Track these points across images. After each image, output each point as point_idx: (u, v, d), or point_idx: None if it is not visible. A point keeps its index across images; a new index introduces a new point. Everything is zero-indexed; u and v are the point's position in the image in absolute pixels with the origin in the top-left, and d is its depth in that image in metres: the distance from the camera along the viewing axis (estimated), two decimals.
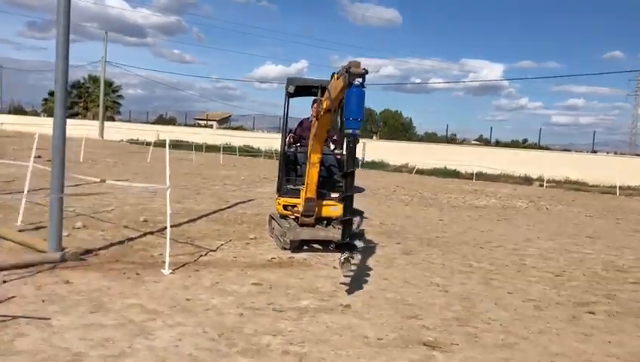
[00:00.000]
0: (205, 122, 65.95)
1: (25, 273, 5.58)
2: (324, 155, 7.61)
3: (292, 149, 8.27)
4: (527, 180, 27.14)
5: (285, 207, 7.75)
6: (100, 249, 6.90)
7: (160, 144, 30.39)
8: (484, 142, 50.47)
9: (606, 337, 4.81)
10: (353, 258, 5.57)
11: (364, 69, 5.42)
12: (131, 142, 43.67)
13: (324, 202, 7.62)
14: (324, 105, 6.41)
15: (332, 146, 8.25)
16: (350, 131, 5.46)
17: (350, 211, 5.59)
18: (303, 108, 8.91)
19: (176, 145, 38.35)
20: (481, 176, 27.62)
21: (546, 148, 36.74)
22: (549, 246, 9.27)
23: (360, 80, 5.40)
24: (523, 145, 48.05)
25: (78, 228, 8.10)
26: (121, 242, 7.42)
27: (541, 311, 5.47)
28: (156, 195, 12.09)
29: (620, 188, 24.02)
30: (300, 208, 7.45)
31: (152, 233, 8.23)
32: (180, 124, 61.60)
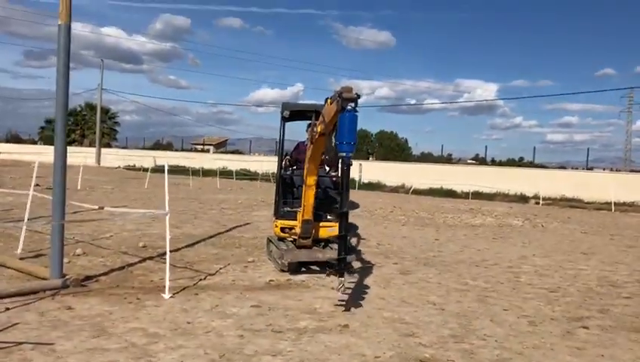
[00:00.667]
0: (202, 147, 66.24)
1: (27, 300, 5.67)
2: (320, 177, 7.76)
3: (288, 172, 8.42)
4: (523, 198, 27.32)
5: (283, 230, 7.87)
6: (100, 275, 6.99)
7: (157, 170, 30.57)
8: (479, 161, 50.85)
9: (599, 351, 4.91)
10: (344, 278, 5.75)
11: (356, 93, 5.59)
12: (128, 168, 43.81)
13: (321, 224, 7.73)
14: (319, 129, 6.57)
15: (327, 168, 8.40)
16: (344, 154, 5.62)
17: (345, 229, 5.79)
18: (300, 131, 9.07)
19: (173, 170, 38.51)
20: (477, 196, 27.80)
21: (542, 166, 37.06)
22: (544, 263, 9.38)
23: (352, 104, 5.54)
24: (518, 163, 48.39)
25: (78, 255, 8.19)
26: (121, 268, 7.51)
27: (535, 327, 5.56)
28: (154, 221, 12.20)
29: (616, 204, 24.19)
30: (297, 230, 7.57)
31: (151, 258, 8.32)
32: (176, 149, 61.93)
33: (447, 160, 45.21)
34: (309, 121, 8.66)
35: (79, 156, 32.16)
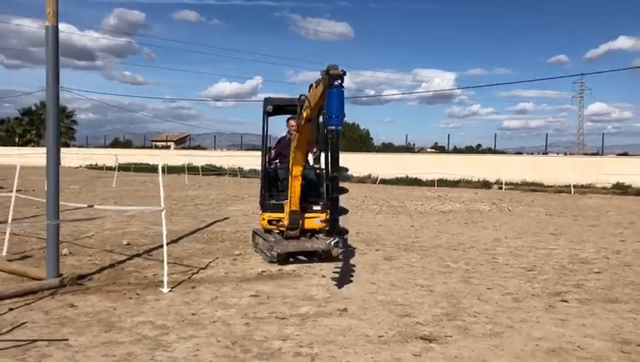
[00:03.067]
0: (165, 143, 65.39)
1: (27, 300, 5.73)
2: (305, 170, 7.96)
3: (272, 166, 8.60)
4: (486, 184, 28.12)
5: (270, 222, 8.06)
6: (93, 273, 7.06)
7: (122, 168, 30.18)
8: (439, 149, 51.86)
9: (580, 321, 5.31)
10: (341, 243, 6.27)
11: (342, 70, 5.92)
12: (90, 167, 43.04)
13: (307, 215, 7.95)
14: (305, 115, 6.86)
15: (311, 162, 8.61)
16: (333, 128, 5.94)
17: (337, 190, 6.21)
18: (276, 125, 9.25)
19: (138, 167, 38.03)
20: (442, 183, 28.47)
21: (501, 153, 38.06)
22: (517, 244, 9.85)
23: (339, 81, 5.90)
24: (477, 150, 49.60)
25: (65, 255, 8.19)
26: (111, 266, 7.58)
27: (520, 303, 5.94)
28: (132, 219, 12.22)
29: (574, 186, 25.17)
30: (285, 221, 7.78)
31: (138, 255, 8.40)
32: (137, 147, 60.98)
33: (409, 149, 45.83)
34: (288, 115, 8.92)
35: (38, 156, 31.47)
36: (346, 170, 6.82)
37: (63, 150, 50.61)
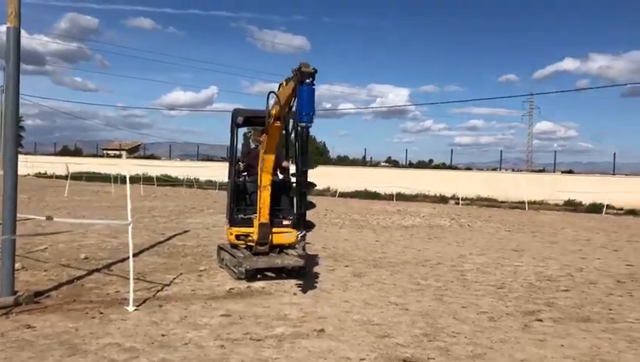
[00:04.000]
0: (118, 152, 63.73)
1: None
2: (274, 182, 7.76)
3: (241, 178, 8.35)
4: (442, 199, 28.49)
5: (238, 237, 7.80)
6: (49, 290, 6.65)
7: (74, 177, 29.17)
8: (392, 163, 52.39)
9: (558, 341, 5.28)
10: (303, 231, 6.39)
11: (313, 68, 5.99)
12: (39, 175, 41.43)
13: (276, 229, 7.74)
14: (274, 112, 6.83)
15: (280, 176, 8.43)
16: (304, 124, 6.01)
17: (306, 185, 6.35)
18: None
19: (90, 177, 36.89)
20: (400, 197, 28.67)
21: (454, 168, 38.68)
22: (482, 261, 9.89)
23: (310, 78, 5.97)
24: (429, 165, 50.28)
25: (18, 270, 7.69)
26: (69, 281, 7.17)
27: (496, 322, 5.89)
28: (88, 231, 11.69)
29: (528, 202, 25.77)
30: (254, 236, 7.54)
31: (97, 270, 8.00)
32: (87, 155, 59.22)
33: (364, 162, 45.95)
34: (260, 128, 8.74)
35: None
36: (314, 185, 6.74)
37: None
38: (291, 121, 7.48)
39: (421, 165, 49.01)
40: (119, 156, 61.49)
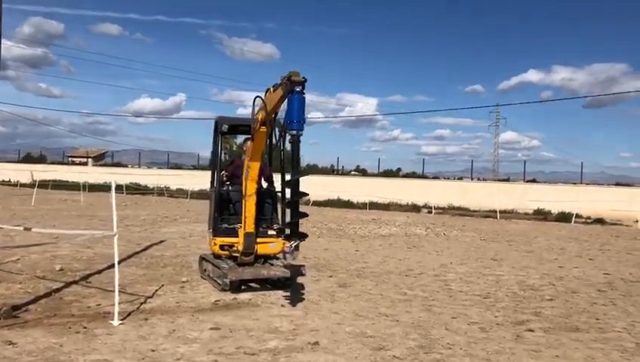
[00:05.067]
0: (85, 159, 62.38)
1: None
2: (258, 191, 7.63)
3: (225, 188, 8.20)
4: (415, 208, 28.66)
5: (222, 247, 7.62)
6: (27, 303, 6.38)
7: (39, 185, 28.39)
8: (361, 172, 52.57)
9: (552, 352, 5.29)
10: (295, 241, 6.19)
11: (303, 77, 6.00)
12: (2, 183, 40.18)
13: (261, 239, 7.60)
14: (260, 117, 6.77)
15: (265, 185, 8.31)
16: (294, 132, 5.99)
17: (297, 212, 6.19)
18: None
19: (56, 185, 35.98)
20: (373, 206, 28.74)
21: (424, 177, 39.01)
22: (464, 270, 9.92)
23: (299, 87, 5.96)
24: (399, 174, 50.56)
25: None
26: (47, 294, 6.90)
27: (488, 333, 5.88)
28: (59, 240, 11.31)
29: (499, 211, 26.12)
30: (239, 246, 7.39)
31: (75, 282, 7.73)
32: (52, 162, 57.80)
33: (332, 171, 45.89)
34: (245, 136, 8.63)
35: None
36: (306, 194, 6.64)
37: None
38: (277, 129, 7.38)
39: (390, 174, 49.22)
40: (85, 163, 60.17)
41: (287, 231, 6.40)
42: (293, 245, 6.15)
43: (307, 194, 6.46)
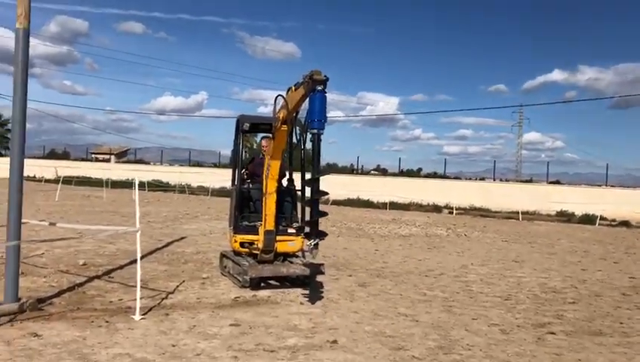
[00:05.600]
0: (107, 156, 63.19)
1: None
2: (278, 190, 7.65)
3: (245, 186, 8.24)
4: (436, 208, 28.46)
5: (242, 245, 7.66)
6: (51, 297, 6.50)
7: (63, 181, 28.85)
8: (382, 171, 52.34)
9: (575, 356, 5.22)
10: (315, 240, 6.17)
11: (325, 75, 5.99)
12: (28, 179, 40.82)
13: (281, 237, 7.63)
14: (281, 116, 6.79)
15: (284, 184, 8.33)
16: (315, 131, 6.01)
17: (317, 211, 6.20)
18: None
19: (80, 181, 36.52)
20: (393, 206, 28.62)
21: (446, 177, 38.73)
22: (485, 271, 9.84)
23: (322, 86, 5.97)
24: (419, 174, 50.28)
25: None
26: (70, 288, 7.02)
27: (508, 335, 5.82)
28: (83, 236, 11.48)
29: (521, 213, 25.84)
30: (260, 244, 7.43)
31: (98, 277, 7.85)
32: (76, 159, 58.64)
33: (352, 170, 45.74)
34: (263, 135, 8.68)
35: None
36: (326, 193, 6.65)
37: None
38: (297, 128, 7.40)
39: (410, 173, 48.96)
40: (108, 160, 60.94)
41: (307, 229, 6.39)
42: (312, 243, 6.16)
43: (327, 193, 6.47)
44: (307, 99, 6.18)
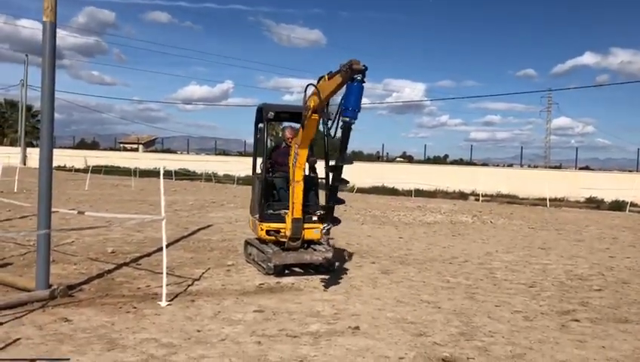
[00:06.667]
0: (135, 145, 64.09)
1: (16, 313, 5.34)
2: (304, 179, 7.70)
3: (269, 175, 8.31)
4: (462, 195, 28.23)
5: (268, 233, 7.74)
6: (81, 283, 6.69)
7: (92, 170, 29.41)
8: (407, 158, 51.98)
9: (599, 343, 5.19)
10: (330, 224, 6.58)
11: (363, 65, 5.94)
12: (58, 168, 41.73)
13: (307, 225, 7.68)
14: (312, 104, 6.74)
15: (307, 171, 8.37)
16: (347, 119, 6.06)
17: (335, 198, 6.47)
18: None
19: (108, 170, 37.16)
20: (418, 193, 28.49)
21: (472, 164, 38.32)
22: (510, 259, 9.77)
23: (360, 75, 5.95)
24: (446, 161, 49.78)
25: None
26: (99, 275, 7.20)
27: (532, 322, 5.81)
28: (110, 223, 11.71)
29: (549, 199, 25.48)
30: (288, 232, 7.49)
31: (126, 264, 8.04)
32: (104, 148, 59.60)
33: (377, 158, 45.51)
34: (286, 123, 8.75)
35: (1, 156, 30.36)
36: (347, 182, 6.72)
37: (28, 150, 49.26)
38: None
39: (437, 161, 48.51)
40: (136, 150, 61.80)
41: (321, 213, 6.55)
42: (325, 228, 6.33)
43: (348, 182, 6.53)
44: (342, 88, 6.20)
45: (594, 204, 25.48)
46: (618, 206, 24.25)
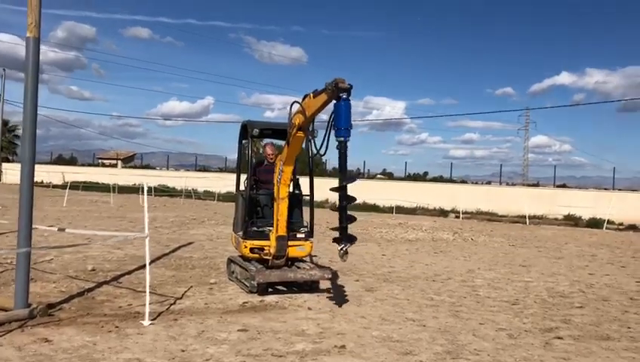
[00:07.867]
0: (114, 161, 63.47)
1: None
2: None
3: (254, 192, 8.28)
4: (442, 212, 28.43)
5: (252, 250, 7.69)
6: (61, 302, 6.56)
7: (72, 186, 29.00)
8: (387, 175, 52.25)
9: (582, 360, 5.23)
10: (345, 245, 6.48)
11: (349, 84, 6.06)
12: (35, 184, 40.99)
13: (291, 243, 7.66)
14: (297, 122, 6.80)
15: (291, 188, 8.36)
16: (342, 139, 6.12)
17: (347, 199, 6.48)
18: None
19: (87, 186, 36.69)
20: (399, 210, 28.61)
21: (452, 181, 38.60)
22: (492, 276, 9.84)
23: (346, 94, 6.08)
24: (426, 178, 50.09)
25: None
26: (79, 294, 7.08)
27: (516, 340, 5.83)
28: (91, 241, 11.54)
29: (528, 217, 25.77)
30: (272, 249, 7.46)
31: (106, 282, 7.91)
32: (83, 164, 58.92)
33: (357, 174, 45.46)
34: (265, 140, 8.78)
35: None
36: (354, 199, 6.75)
37: (4, 165, 48.46)
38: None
39: (417, 178, 48.79)
40: (115, 165, 61.16)
41: (337, 234, 6.54)
42: (343, 249, 6.39)
43: (355, 199, 6.59)
44: (328, 107, 6.27)
45: (572, 221, 25.85)
46: (595, 223, 24.63)
